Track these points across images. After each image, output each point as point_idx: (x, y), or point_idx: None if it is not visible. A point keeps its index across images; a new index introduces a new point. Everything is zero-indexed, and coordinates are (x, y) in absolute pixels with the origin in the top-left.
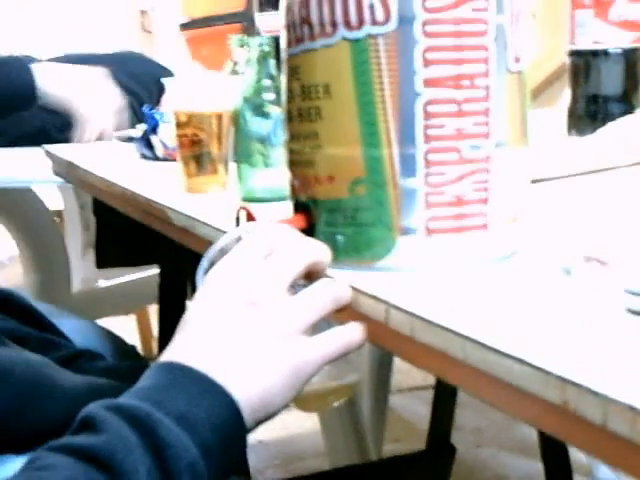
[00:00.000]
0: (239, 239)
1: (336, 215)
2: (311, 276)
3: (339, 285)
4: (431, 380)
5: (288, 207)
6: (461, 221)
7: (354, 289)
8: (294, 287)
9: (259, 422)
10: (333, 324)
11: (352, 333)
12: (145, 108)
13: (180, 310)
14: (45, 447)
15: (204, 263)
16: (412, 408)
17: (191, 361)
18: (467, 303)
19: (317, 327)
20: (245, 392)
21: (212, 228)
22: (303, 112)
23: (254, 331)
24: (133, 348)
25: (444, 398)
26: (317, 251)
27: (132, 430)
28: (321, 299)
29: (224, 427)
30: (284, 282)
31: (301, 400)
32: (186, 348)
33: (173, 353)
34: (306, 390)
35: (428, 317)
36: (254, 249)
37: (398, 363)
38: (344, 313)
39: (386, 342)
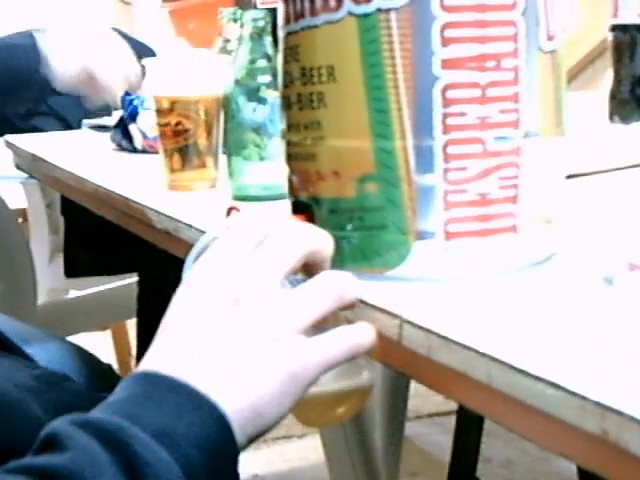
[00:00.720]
0: None
1: (341, 217)
2: (310, 270)
3: (343, 278)
4: (453, 405)
5: (286, 207)
6: (486, 223)
7: (362, 302)
8: (291, 282)
9: (251, 437)
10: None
11: (360, 334)
12: (125, 94)
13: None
14: (1, 469)
15: (191, 258)
16: (431, 437)
17: (170, 369)
18: (492, 318)
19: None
20: (234, 402)
21: (198, 231)
22: (303, 98)
23: (241, 332)
24: (109, 368)
25: (468, 426)
26: (317, 239)
27: (102, 447)
28: (321, 295)
29: (210, 443)
30: (276, 276)
31: (301, 411)
32: (164, 355)
33: (150, 362)
34: (307, 397)
35: (447, 334)
36: (242, 238)
37: (416, 385)
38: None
39: (400, 362)
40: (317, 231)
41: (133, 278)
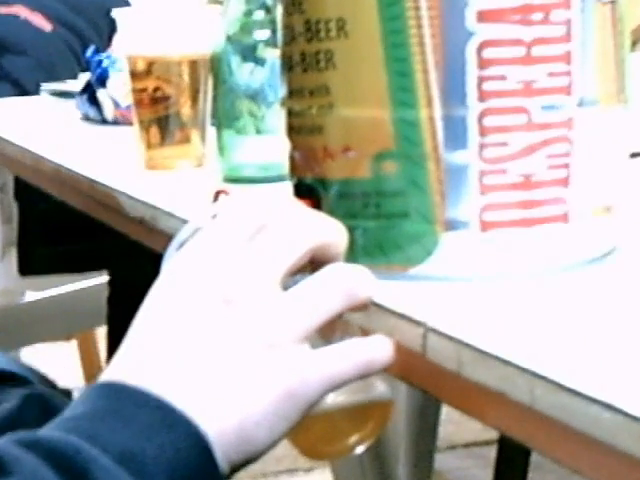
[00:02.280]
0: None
1: (354, 202)
2: (318, 268)
3: (353, 272)
4: (494, 433)
5: (287, 190)
6: (531, 211)
7: (378, 306)
8: (294, 283)
9: (236, 466)
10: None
11: (374, 348)
12: (89, 51)
13: None
14: None
15: (172, 250)
16: (468, 472)
17: (139, 380)
18: (537, 326)
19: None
20: (216, 422)
21: (181, 220)
22: (308, 58)
23: (229, 338)
24: (68, 394)
25: (512, 458)
26: (326, 230)
27: (54, 473)
28: (327, 292)
29: (186, 470)
30: (276, 273)
31: (302, 438)
32: (133, 363)
33: (115, 370)
34: (308, 420)
35: (482, 346)
36: (234, 228)
37: (448, 409)
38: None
39: (424, 381)
40: (327, 220)
41: (102, 278)
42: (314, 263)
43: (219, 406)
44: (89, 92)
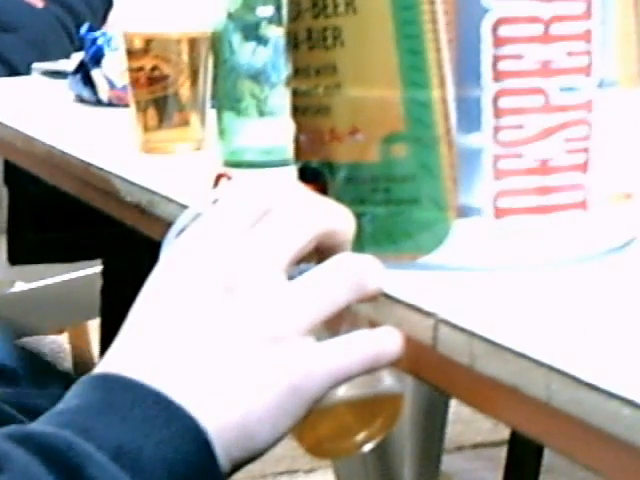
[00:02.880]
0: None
1: (362, 187)
2: (324, 256)
3: (362, 262)
4: (504, 433)
5: (291, 175)
6: (547, 197)
7: (386, 297)
8: (299, 272)
9: (238, 463)
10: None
11: (383, 340)
12: (83, 29)
13: None
14: None
15: (171, 237)
16: (476, 474)
17: (136, 372)
18: (554, 318)
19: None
20: (217, 417)
21: (180, 206)
22: (315, 35)
23: (231, 329)
24: (68, 378)
25: (523, 459)
26: (333, 216)
27: (46, 469)
28: (334, 283)
29: (185, 466)
30: (279, 261)
31: (306, 435)
32: (130, 354)
33: (111, 362)
34: (312, 416)
35: (495, 338)
36: (236, 213)
37: (457, 407)
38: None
39: (434, 375)
40: (334, 205)
41: (96, 267)
42: (320, 251)
43: (220, 400)
44: (83, 72)
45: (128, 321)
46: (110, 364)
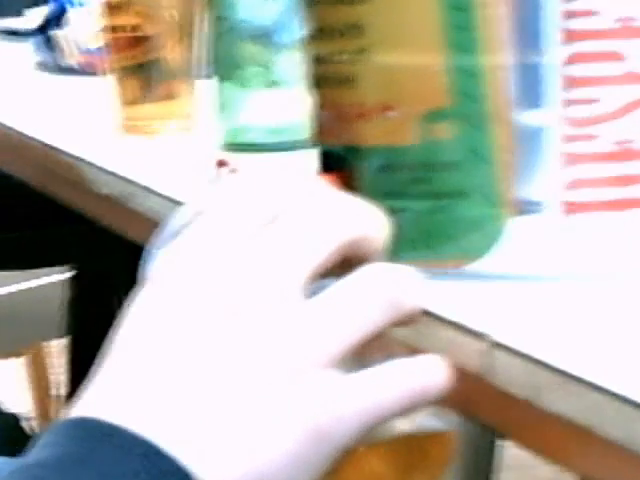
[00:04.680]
0: None
1: (396, 177)
2: (351, 265)
3: (398, 275)
4: None
5: (309, 162)
6: (629, 188)
7: (428, 315)
8: (320, 288)
9: None
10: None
11: (426, 372)
12: None
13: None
14: None
15: (158, 244)
16: None
17: (120, 416)
18: (632, 339)
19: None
20: (221, 471)
21: (166, 200)
22: None
23: (238, 362)
24: (14, 420)
25: None
26: (363, 218)
27: None
28: (364, 303)
29: None
30: (297, 275)
31: None
32: (111, 394)
33: (90, 402)
34: (339, 464)
35: (563, 366)
36: (244, 213)
37: (513, 450)
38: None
39: (488, 411)
40: (363, 205)
41: (62, 274)
42: (346, 262)
43: (224, 451)
44: (45, 32)
45: (111, 350)
46: (89, 405)
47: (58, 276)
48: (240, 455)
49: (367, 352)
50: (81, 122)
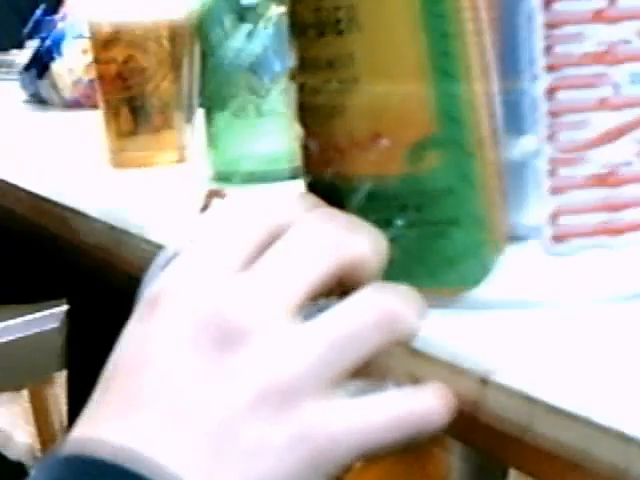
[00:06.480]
0: None
1: (387, 206)
2: (348, 286)
3: (397, 295)
4: None
5: (299, 191)
6: (619, 213)
7: (422, 347)
8: (316, 312)
9: None
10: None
11: (428, 401)
12: (38, 12)
13: None
14: None
15: (154, 271)
16: None
17: (114, 450)
18: (633, 373)
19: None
20: None
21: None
22: (325, 17)
23: (231, 388)
24: (21, 469)
25: None
26: (359, 240)
27: None
28: (362, 324)
29: None
30: (291, 297)
31: None
32: (105, 427)
33: (82, 436)
34: None
35: (558, 401)
36: (236, 239)
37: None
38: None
39: (484, 443)
40: (359, 226)
41: (58, 307)
42: (342, 284)
43: (222, 478)
44: (39, 65)
45: (101, 382)
46: (80, 439)
47: (58, 309)
48: None
49: (368, 375)
50: (74, 157)
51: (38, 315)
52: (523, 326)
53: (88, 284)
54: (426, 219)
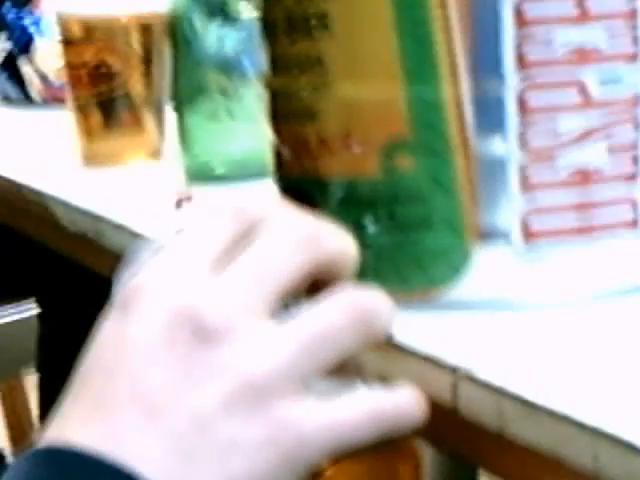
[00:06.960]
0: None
1: (359, 209)
2: (319, 287)
3: (370, 297)
4: None
5: (272, 193)
6: (589, 214)
7: (395, 346)
8: (287, 308)
9: None
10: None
11: (400, 402)
12: (5, 8)
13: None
14: None
15: (125, 275)
16: None
17: (88, 442)
18: (602, 370)
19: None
20: None
21: (133, 235)
22: (296, 22)
23: (202, 387)
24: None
25: None
26: (331, 240)
27: None
28: (335, 324)
29: None
30: (264, 299)
31: None
32: (82, 422)
33: (57, 430)
34: None
35: (530, 397)
36: (208, 240)
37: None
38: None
39: (457, 443)
40: (330, 227)
41: (30, 308)
42: (313, 284)
43: (193, 478)
44: (8, 65)
45: (75, 379)
46: (55, 434)
47: (30, 310)
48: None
49: (340, 375)
50: (46, 155)
51: (11, 316)
52: (495, 326)
53: (59, 283)
54: (398, 223)
